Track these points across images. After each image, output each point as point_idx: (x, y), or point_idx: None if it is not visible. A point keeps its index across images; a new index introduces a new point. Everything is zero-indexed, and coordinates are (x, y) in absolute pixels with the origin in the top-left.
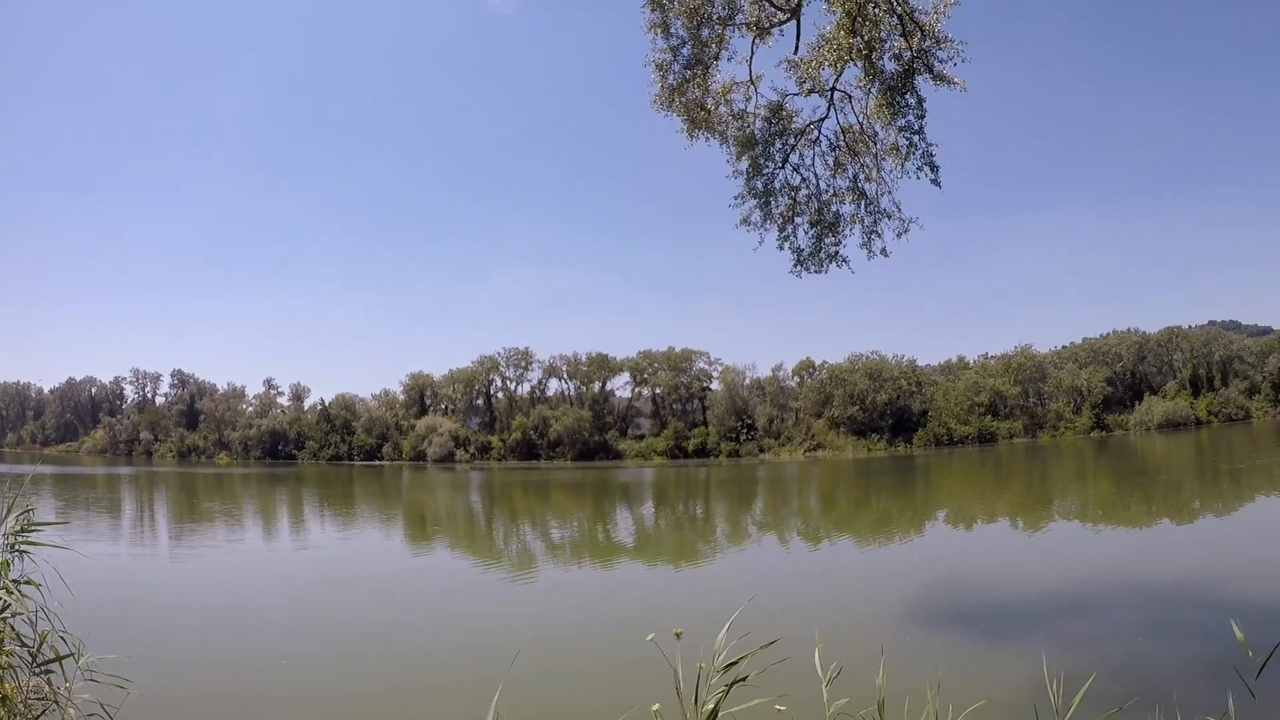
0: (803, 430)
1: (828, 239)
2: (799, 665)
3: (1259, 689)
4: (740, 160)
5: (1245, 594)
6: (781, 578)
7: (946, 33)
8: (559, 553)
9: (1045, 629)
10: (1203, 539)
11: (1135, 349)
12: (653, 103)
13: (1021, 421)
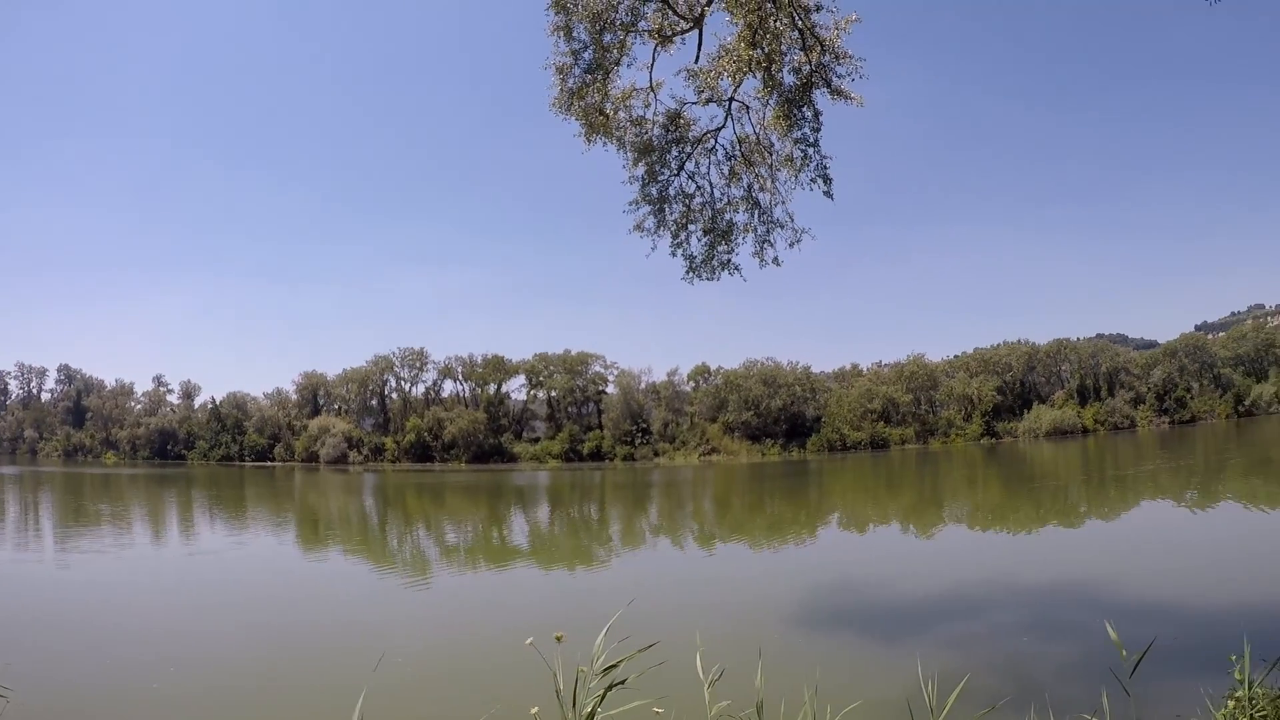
0: (697, 435)
1: (720, 247)
2: (684, 668)
3: (1133, 687)
4: (637, 166)
5: (1126, 595)
6: (674, 581)
7: (847, 49)
8: (453, 556)
9: (931, 630)
10: (1088, 542)
11: (1025, 359)
12: (551, 105)
13: (913, 428)
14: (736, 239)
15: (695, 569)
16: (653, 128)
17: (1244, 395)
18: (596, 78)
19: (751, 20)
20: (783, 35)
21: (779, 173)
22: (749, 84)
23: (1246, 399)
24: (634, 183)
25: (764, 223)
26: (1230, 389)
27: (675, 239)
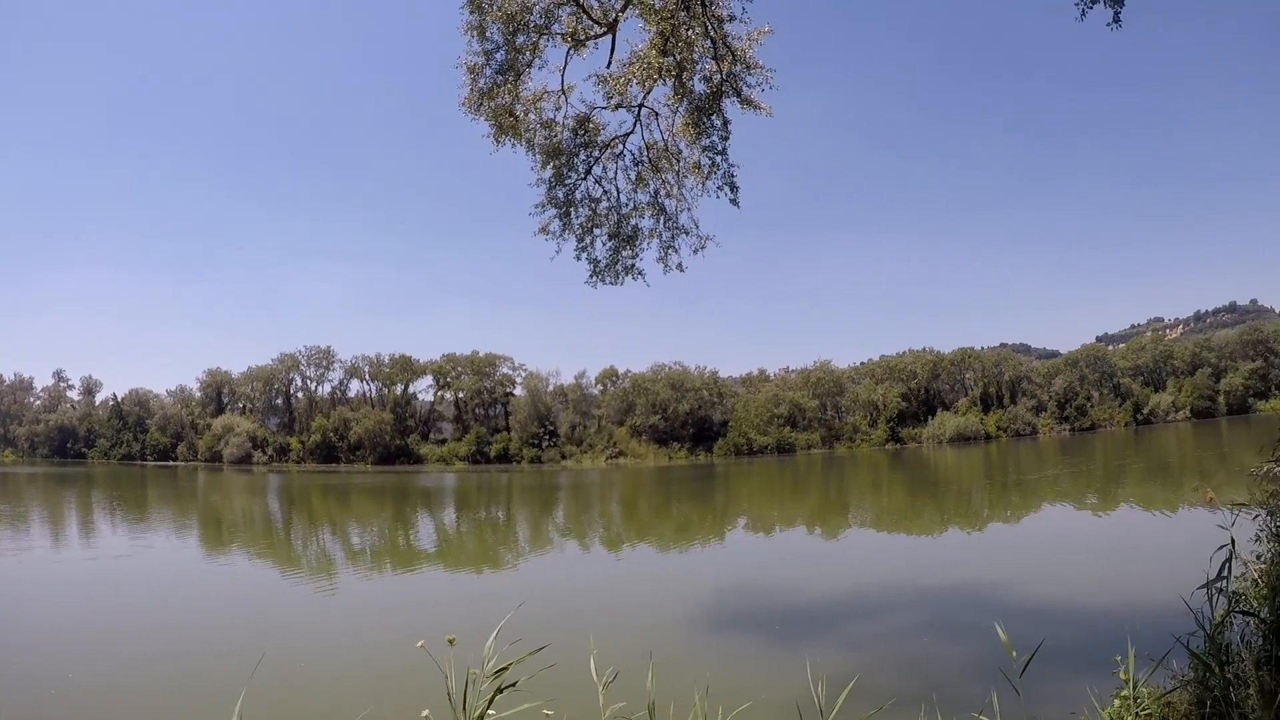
0: (605, 438)
1: (625, 251)
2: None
3: (1023, 686)
4: (545, 169)
5: (1023, 596)
6: (580, 584)
7: (758, 59)
8: (359, 559)
9: (830, 632)
10: (990, 545)
11: (930, 367)
12: (461, 105)
13: (819, 433)
14: (641, 244)
15: (602, 572)
16: (562, 131)
17: (1142, 404)
18: (508, 79)
19: (664, 28)
20: (695, 44)
21: (686, 179)
22: (659, 91)
23: (1145, 408)
24: (541, 185)
25: (669, 229)
26: (1129, 398)
27: (580, 243)
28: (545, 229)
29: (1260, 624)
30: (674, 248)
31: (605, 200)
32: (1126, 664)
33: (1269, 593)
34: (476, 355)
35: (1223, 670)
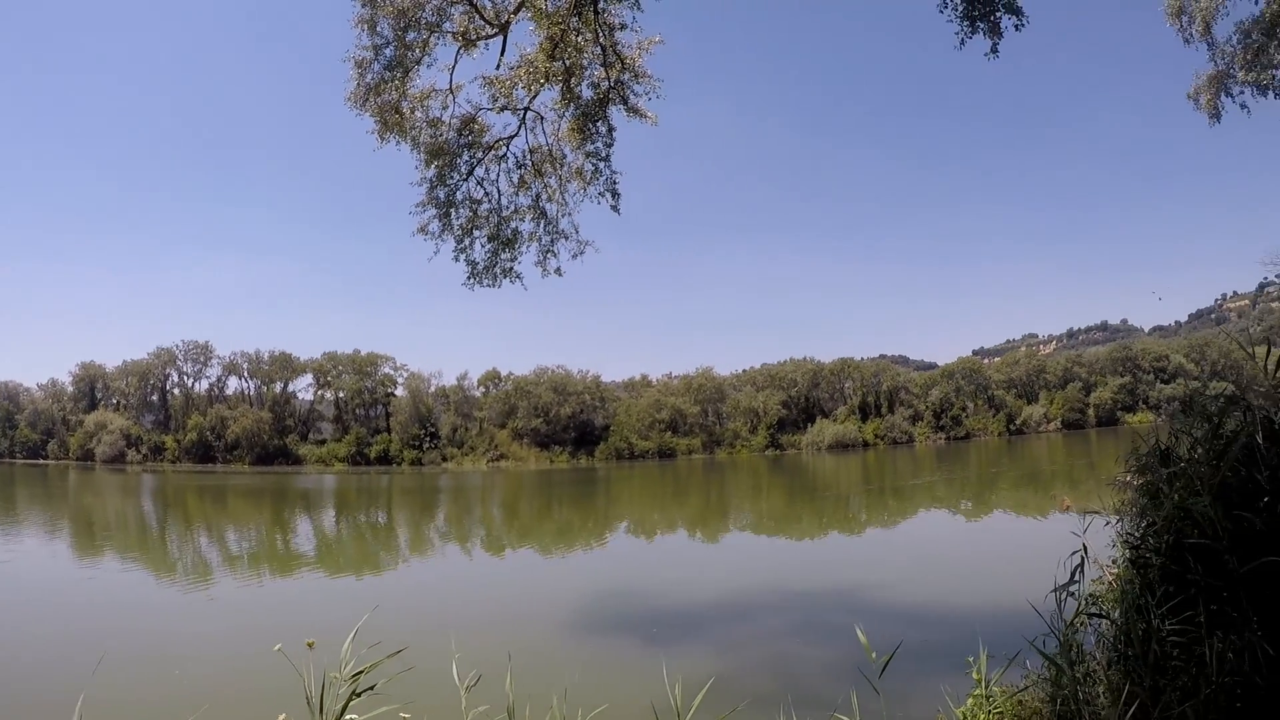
0: (486, 440)
1: (504, 254)
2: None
3: (883, 686)
4: (428, 168)
5: (892, 599)
6: (459, 588)
7: (646, 69)
8: (235, 563)
9: (701, 634)
10: (865, 549)
11: (810, 376)
12: (347, 100)
13: (700, 439)
14: (520, 247)
15: (482, 576)
16: (447, 131)
17: (1015, 415)
18: (396, 75)
19: (555, 32)
20: (585, 50)
21: (569, 185)
22: (546, 95)
23: (1017, 419)
24: (423, 184)
25: (549, 233)
26: (1003, 409)
27: (459, 244)
28: (424, 229)
29: (1112, 625)
30: (553, 252)
31: (486, 202)
32: (979, 664)
33: (1119, 596)
34: (358, 354)
35: (1073, 669)
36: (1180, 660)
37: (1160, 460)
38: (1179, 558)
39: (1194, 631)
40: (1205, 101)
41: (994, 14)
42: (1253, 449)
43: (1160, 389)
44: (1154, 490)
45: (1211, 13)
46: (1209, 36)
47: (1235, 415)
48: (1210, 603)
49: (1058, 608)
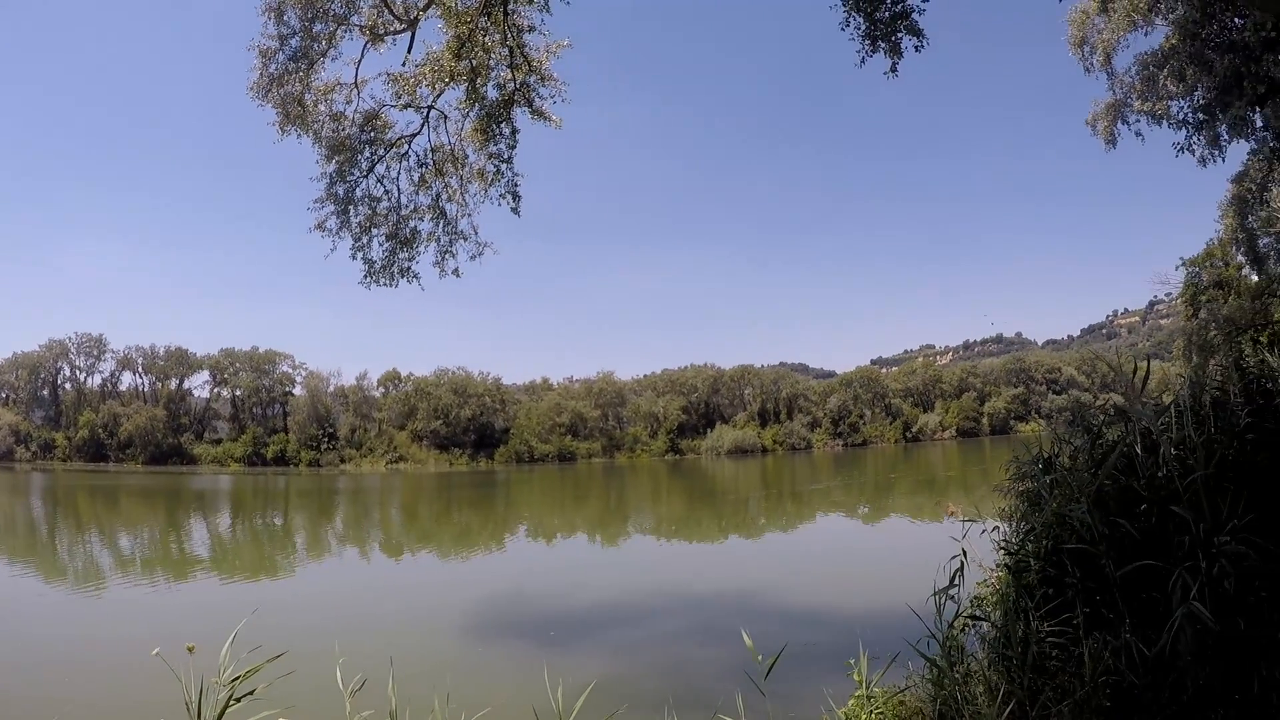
0: (385, 442)
1: (402, 253)
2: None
3: (769, 688)
4: (329, 163)
5: (785, 602)
6: (356, 591)
7: (553, 72)
8: (128, 566)
9: (593, 638)
10: (762, 553)
11: (710, 382)
12: (249, 90)
13: (600, 443)
14: (419, 247)
15: (379, 579)
16: (350, 126)
17: (911, 423)
18: (301, 66)
19: (462, 32)
20: (492, 50)
21: (469, 185)
22: (451, 94)
23: (914, 426)
24: (323, 179)
25: (448, 233)
26: (900, 417)
27: (357, 242)
28: (322, 225)
29: (993, 627)
30: (451, 252)
31: (386, 200)
32: (859, 666)
33: (999, 599)
34: (256, 351)
35: (953, 670)
36: (1058, 660)
37: (1043, 468)
38: (1057, 562)
39: (1072, 633)
40: (1103, 128)
41: (895, 34)
42: (1132, 459)
43: (1052, 400)
44: (1035, 497)
45: (1113, 44)
46: (1109, 67)
47: (1117, 427)
48: (1087, 605)
49: (937, 611)
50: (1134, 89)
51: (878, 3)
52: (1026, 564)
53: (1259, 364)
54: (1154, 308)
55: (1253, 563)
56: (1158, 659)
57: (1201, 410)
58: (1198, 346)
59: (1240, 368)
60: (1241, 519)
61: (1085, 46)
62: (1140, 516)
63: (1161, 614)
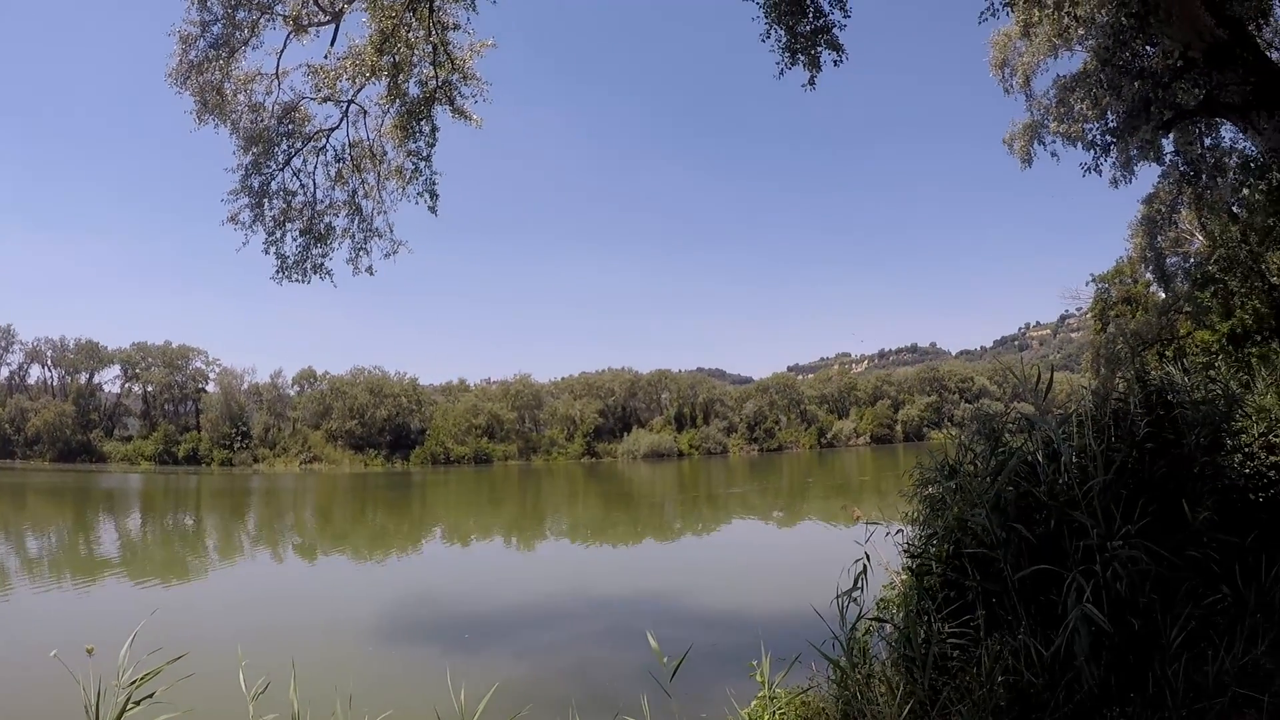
0: (300, 441)
1: (315, 249)
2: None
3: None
4: (246, 155)
5: (699, 603)
6: (269, 594)
7: (476, 71)
8: (34, 568)
9: (504, 640)
10: (677, 556)
11: (628, 385)
12: (168, 76)
13: (517, 445)
14: (333, 243)
15: (293, 582)
16: (268, 117)
17: (826, 429)
18: (221, 54)
19: (386, 26)
20: (415, 47)
21: (387, 182)
22: (372, 90)
23: (829, 433)
24: (238, 171)
25: (363, 230)
26: (815, 423)
27: (271, 236)
28: (235, 218)
29: (895, 629)
30: (366, 250)
31: (301, 194)
32: (762, 667)
33: (902, 601)
34: (169, 346)
35: (855, 671)
36: (959, 661)
37: (947, 475)
38: (958, 566)
39: (972, 634)
40: (1019, 148)
41: (814, 48)
42: (1034, 466)
43: (964, 408)
44: (937, 502)
45: (1033, 67)
46: (1028, 89)
47: (1021, 435)
48: (987, 607)
49: (839, 614)
50: (1050, 111)
51: (800, 16)
52: (928, 567)
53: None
54: (1065, 321)
55: (1146, 566)
56: (1054, 659)
57: (1102, 420)
58: (1105, 359)
59: (1142, 380)
60: (1137, 525)
61: (1006, 68)
62: (1040, 522)
63: (1059, 616)
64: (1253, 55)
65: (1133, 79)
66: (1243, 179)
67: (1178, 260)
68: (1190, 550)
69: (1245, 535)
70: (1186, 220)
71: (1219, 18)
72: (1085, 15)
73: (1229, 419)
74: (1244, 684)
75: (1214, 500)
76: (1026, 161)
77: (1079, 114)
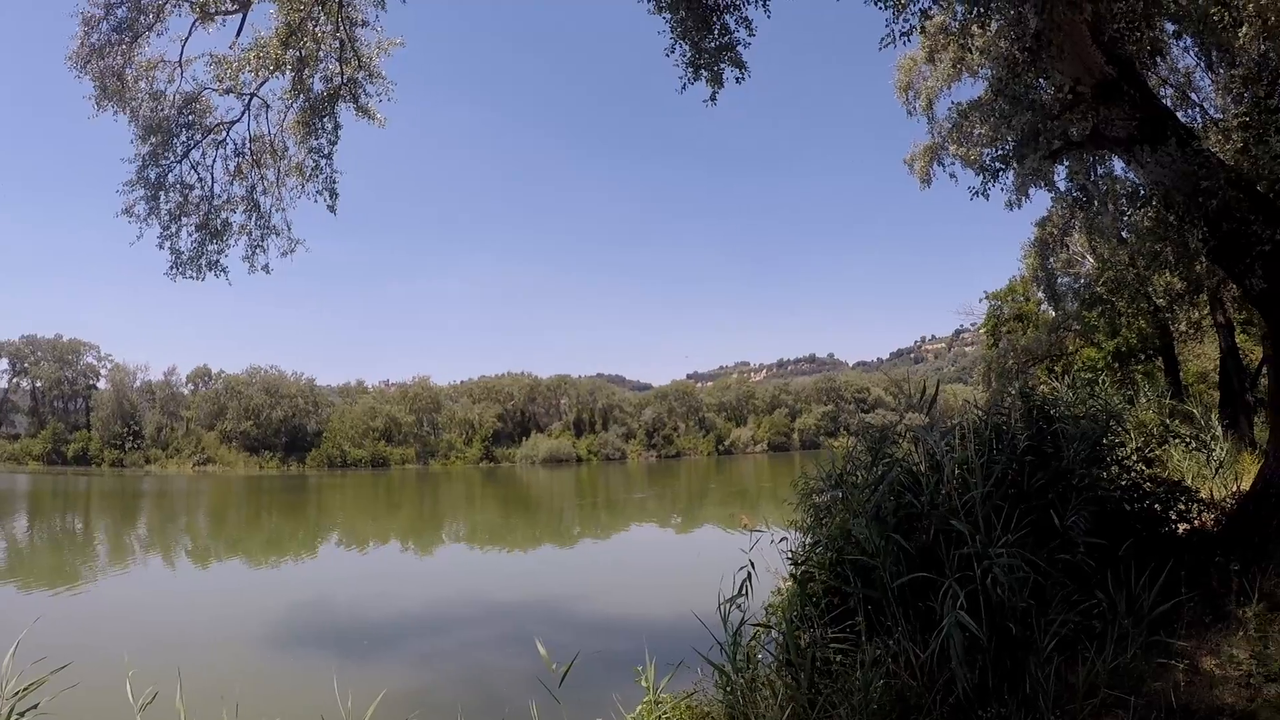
0: (193, 442)
1: (211, 245)
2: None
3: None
4: (144, 144)
5: (594, 608)
6: (159, 601)
7: (383, 69)
8: None
9: (398, 647)
10: (574, 561)
11: (527, 390)
12: (68, 59)
13: (415, 449)
14: (229, 240)
15: (185, 588)
16: (169, 107)
17: (724, 436)
18: (125, 38)
19: (294, 19)
20: (323, 42)
21: (286, 179)
22: (276, 83)
23: (727, 440)
24: (136, 161)
25: (260, 227)
26: (713, 430)
27: (165, 230)
28: (130, 210)
29: (780, 634)
30: (263, 247)
31: (199, 188)
32: (647, 673)
33: (786, 606)
34: (60, 340)
35: (739, 675)
36: (841, 665)
37: (834, 484)
38: (841, 573)
39: (854, 639)
40: (919, 168)
41: (718, 65)
42: (917, 476)
43: (860, 418)
44: (822, 511)
45: (936, 92)
46: (930, 112)
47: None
48: (868, 614)
49: (722, 619)
50: (950, 135)
51: (705, 32)
52: (811, 574)
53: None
54: (959, 336)
55: (1022, 573)
56: (931, 662)
57: (985, 433)
58: (996, 373)
59: (1025, 395)
60: (1015, 534)
61: (910, 91)
62: (923, 531)
63: (937, 621)
64: (1140, 93)
65: (1024, 109)
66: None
67: (1068, 280)
68: (1064, 557)
69: (1120, 544)
70: (1078, 243)
71: (1109, 56)
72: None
73: (1107, 433)
74: (1115, 686)
75: (1091, 511)
76: (926, 182)
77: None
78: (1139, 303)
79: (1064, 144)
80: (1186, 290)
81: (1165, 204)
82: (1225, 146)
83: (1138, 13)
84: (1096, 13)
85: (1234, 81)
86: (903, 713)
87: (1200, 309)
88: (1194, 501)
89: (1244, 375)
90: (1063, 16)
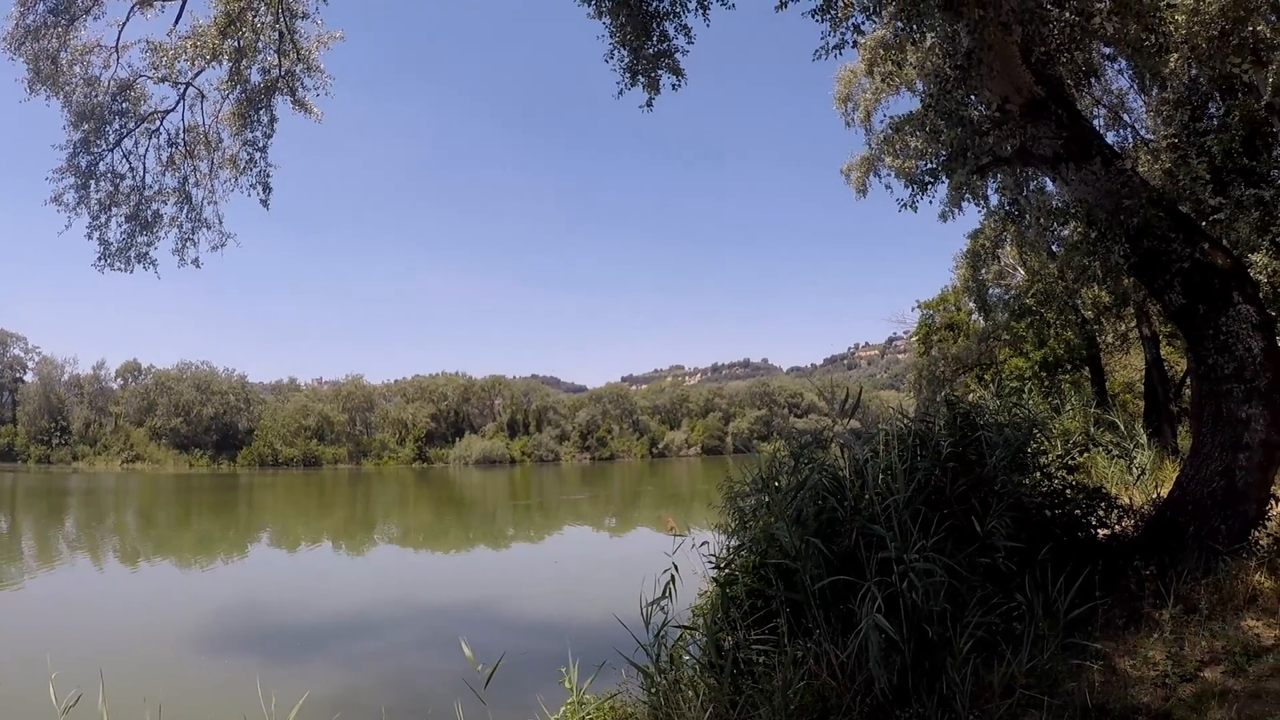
0: (121, 439)
1: (141, 237)
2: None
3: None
4: (76, 131)
5: (523, 610)
6: (86, 603)
7: (321, 63)
8: None
9: (326, 649)
10: (506, 563)
11: (461, 390)
12: (1, 41)
13: (347, 448)
14: (159, 231)
15: (111, 588)
16: (103, 93)
17: (658, 440)
18: (61, 21)
19: (233, 9)
20: (262, 33)
21: (220, 172)
22: (212, 74)
23: (660, 443)
24: (67, 148)
25: (191, 220)
26: (647, 433)
27: (95, 220)
28: (59, 199)
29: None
30: (193, 241)
31: (130, 178)
32: (570, 674)
33: (709, 609)
34: None
35: (663, 677)
36: (764, 666)
37: (760, 488)
38: (763, 576)
39: (776, 640)
40: (855, 179)
41: (655, 71)
42: (841, 481)
43: (793, 422)
44: (746, 515)
45: (874, 104)
46: (868, 124)
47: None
48: (789, 616)
49: (645, 622)
50: (885, 147)
51: (645, 38)
52: (734, 577)
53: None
54: (892, 343)
55: (940, 577)
56: (850, 663)
57: (909, 439)
58: (927, 380)
59: (950, 403)
60: (933, 538)
61: (849, 103)
62: (844, 535)
63: (857, 623)
64: (1067, 113)
65: (955, 125)
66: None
67: (999, 292)
68: (985, 560)
69: (1039, 548)
70: (1009, 255)
71: (1039, 76)
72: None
73: (1031, 441)
74: (1031, 686)
75: (1012, 516)
76: (862, 192)
77: (912, 151)
78: (1067, 315)
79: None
80: (1114, 303)
81: (1088, 221)
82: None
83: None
84: (1026, 34)
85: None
86: (823, 713)
87: (1127, 321)
88: (1114, 508)
89: (1169, 386)
90: (994, 37)
